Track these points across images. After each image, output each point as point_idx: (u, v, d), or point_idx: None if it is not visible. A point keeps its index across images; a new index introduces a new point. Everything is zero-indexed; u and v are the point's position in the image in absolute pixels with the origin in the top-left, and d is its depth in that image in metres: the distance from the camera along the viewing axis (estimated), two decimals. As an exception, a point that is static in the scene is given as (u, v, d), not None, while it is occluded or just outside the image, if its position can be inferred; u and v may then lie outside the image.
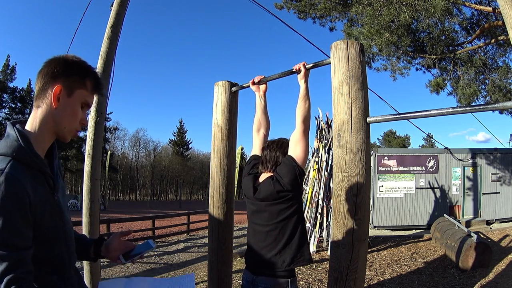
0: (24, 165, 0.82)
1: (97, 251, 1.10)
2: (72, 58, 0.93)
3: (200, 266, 6.17)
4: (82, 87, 0.93)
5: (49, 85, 0.89)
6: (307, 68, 1.72)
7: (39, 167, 0.85)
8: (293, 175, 1.57)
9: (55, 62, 0.91)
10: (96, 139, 3.11)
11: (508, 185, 9.49)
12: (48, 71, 0.90)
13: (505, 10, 2.52)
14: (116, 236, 1.12)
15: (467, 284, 4.35)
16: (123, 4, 3.28)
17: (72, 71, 0.91)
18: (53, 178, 0.91)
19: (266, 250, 1.60)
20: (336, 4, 7.31)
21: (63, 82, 0.89)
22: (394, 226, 9.14)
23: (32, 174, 0.83)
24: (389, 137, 45.38)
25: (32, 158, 0.83)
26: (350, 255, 1.40)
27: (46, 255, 0.87)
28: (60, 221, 0.91)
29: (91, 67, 0.97)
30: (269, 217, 1.61)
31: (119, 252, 1.08)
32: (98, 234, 3.24)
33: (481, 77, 7.60)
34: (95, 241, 1.12)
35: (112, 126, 42.25)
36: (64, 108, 0.90)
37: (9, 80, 30.42)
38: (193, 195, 53.10)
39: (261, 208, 1.65)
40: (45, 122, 0.89)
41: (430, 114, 1.30)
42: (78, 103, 0.93)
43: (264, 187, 1.63)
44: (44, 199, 0.85)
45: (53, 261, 0.89)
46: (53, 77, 0.89)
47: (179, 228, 10.50)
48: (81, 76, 0.92)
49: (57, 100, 0.89)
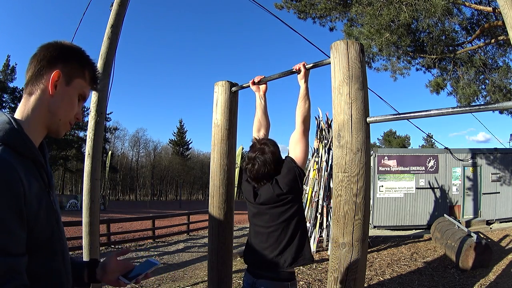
0: (16, 152, 0.69)
1: (92, 275, 0.95)
2: (71, 44, 0.85)
3: (200, 266, 6.17)
4: (81, 77, 0.83)
5: (46, 70, 0.78)
6: (307, 68, 1.72)
7: (34, 157, 0.73)
8: (292, 176, 1.57)
9: (53, 46, 0.81)
10: (96, 139, 3.11)
11: (508, 185, 9.48)
12: (46, 55, 0.79)
13: (505, 10, 2.52)
14: (113, 256, 0.97)
15: (467, 284, 4.35)
16: (123, 4, 3.28)
17: (71, 57, 0.82)
18: (47, 173, 0.79)
19: (268, 251, 1.60)
20: (336, 4, 7.31)
21: (62, 68, 0.80)
22: (394, 226, 9.13)
23: (25, 164, 0.69)
24: (389, 137, 45.37)
25: (27, 144, 0.71)
26: (350, 255, 1.40)
27: (41, 271, 0.71)
28: (57, 226, 0.77)
29: (90, 58, 0.88)
30: (270, 219, 1.62)
31: (118, 274, 0.94)
32: (98, 234, 3.24)
33: (481, 77, 7.59)
34: (88, 263, 0.97)
35: (112, 126, 42.27)
36: (62, 97, 0.80)
37: (9, 80, 30.41)
38: (193, 195, 53.10)
39: (262, 211, 1.65)
40: (39, 111, 0.77)
41: (430, 114, 1.30)
42: (76, 93, 0.83)
43: (264, 191, 1.63)
44: (40, 196, 0.71)
45: (50, 279, 0.73)
46: (51, 61, 0.79)
47: (179, 228, 10.50)
48: (81, 65, 0.84)
49: (54, 87, 0.78)
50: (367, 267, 4.85)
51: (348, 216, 1.41)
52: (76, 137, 34.28)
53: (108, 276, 0.94)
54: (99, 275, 0.94)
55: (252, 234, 1.73)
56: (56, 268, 0.75)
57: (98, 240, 3.22)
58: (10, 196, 0.61)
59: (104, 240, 7.72)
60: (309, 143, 1.69)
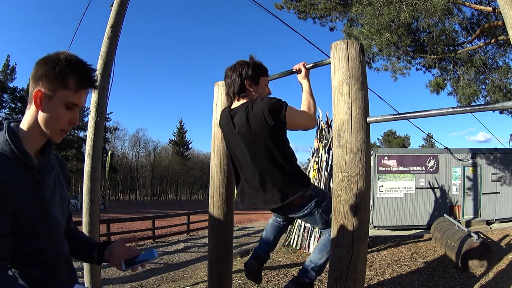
0: (6, 156, 0.85)
1: (101, 255, 1.10)
2: (55, 57, 0.90)
3: (200, 266, 6.17)
4: (64, 88, 0.89)
5: (33, 88, 0.90)
6: (307, 68, 1.72)
7: (22, 160, 0.87)
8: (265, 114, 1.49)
9: (39, 64, 0.90)
10: (96, 139, 3.11)
11: (508, 185, 9.48)
12: (33, 73, 0.90)
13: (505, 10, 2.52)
14: (122, 242, 1.11)
15: (467, 284, 4.35)
16: (123, 4, 3.28)
17: (51, 71, 0.89)
18: (39, 172, 0.92)
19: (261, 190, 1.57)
20: (336, 4, 7.31)
21: (44, 85, 0.89)
22: (394, 226, 9.13)
23: (14, 165, 0.86)
24: (389, 137, 45.38)
25: (13, 151, 0.86)
26: (350, 255, 1.40)
27: (26, 249, 0.87)
28: (43, 215, 0.91)
29: (76, 63, 0.92)
30: (248, 152, 1.56)
31: (122, 258, 1.06)
32: (98, 234, 3.24)
33: (481, 77, 7.60)
34: (100, 244, 1.12)
35: (112, 126, 42.28)
36: (47, 111, 0.90)
37: (9, 80, 30.44)
38: (193, 195, 53.12)
39: (239, 143, 1.59)
40: (33, 123, 0.91)
41: (430, 114, 1.30)
42: (60, 105, 0.90)
43: (238, 118, 1.57)
44: (24, 190, 0.86)
45: (34, 256, 0.89)
46: (36, 80, 0.89)
47: (179, 228, 10.50)
48: (61, 76, 0.89)
49: (39, 104, 0.89)
50: (367, 267, 4.84)
51: (348, 216, 1.41)
52: (76, 137, 34.30)
53: (113, 258, 1.08)
54: (106, 256, 1.09)
55: (240, 173, 1.67)
56: (40, 248, 0.90)
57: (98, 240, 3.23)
58: None
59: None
60: (313, 123, 1.62)
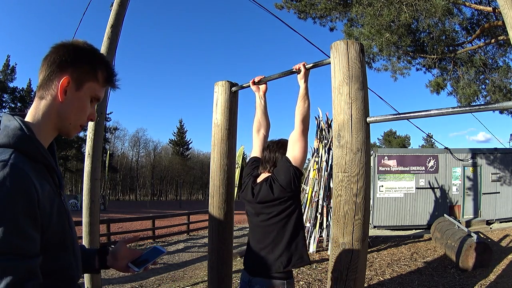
0: (28, 157, 0.71)
1: (103, 261, 1.00)
2: (83, 45, 0.82)
3: (200, 266, 6.17)
4: (93, 80, 0.82)
5: (56, 75, 0.78)
6: (307, 68, 1.72)
7: (44, 161, 0.74)
8: (288, 176, 1.56)
9: (64, 49, 0.79)
10: (96, 139, 3.11)
11: (508, 185, 9.48)
12: (55, 59, 0.78)
13: (505, 10, 2.52)
14: (123, 244, 1.02)
15: (467, 284, 4.35)
16: (123, 4, 3.28)
17: (82, 60, 0.80)
18: (58, 175, 0.80)
19: (264, 252, 1.60)
20: (336, 4, 7.31)
21: (72, 73, 0.79)
22: (394, 226, 9.13)
23: (37, 169, 0.72)
24: (389, 137, 45.38)
25: (38, 149, 0.72)
26: (350, 255, 1.40)
27: (54, 266, 0.74)
28: (68, 225, 0.80)
29: (103, 56, 0.86)
30: (267, 218, 1.61)
31: (127, 260, 0.98)
32: (98, 234, 3.24)
33: (481, 77, 7.59)
34: (98, 251, 1.02)
35: (112, 126, 42.27)
36: (72, 102, 0.79)
37: (9, 80, 30.43)
38: (193, 195, 53.10)
39: (259, 210, 1.65)
40: (49, 115, 0.78)
41: (430, 114, 1.30)
42: (87, 97, 0.82)
43: (261, 188, 1.63)
44: (52, 198, 0.73)
45: (62, 273, 0.77)
46: (61, 66, 0.78)
47: (179, 228, 10.50)
48: (92, 67, 0.81)
49: (64, 94, 0.78)
50: (367, 267, 4.85)
51: (348, 216, 1.41)
52: (76, 137, 34.29)
53: (118, 262, 0.99)
54: (109, 261, 0.99)
55: (250, 235, 1.73)
56: (67, 262, 0.79)
57: (98, 240, 3.23)
58: (25, 202, 0.64)
59: (104, 240, 7.72)
60: (307, 143, 1.69)
